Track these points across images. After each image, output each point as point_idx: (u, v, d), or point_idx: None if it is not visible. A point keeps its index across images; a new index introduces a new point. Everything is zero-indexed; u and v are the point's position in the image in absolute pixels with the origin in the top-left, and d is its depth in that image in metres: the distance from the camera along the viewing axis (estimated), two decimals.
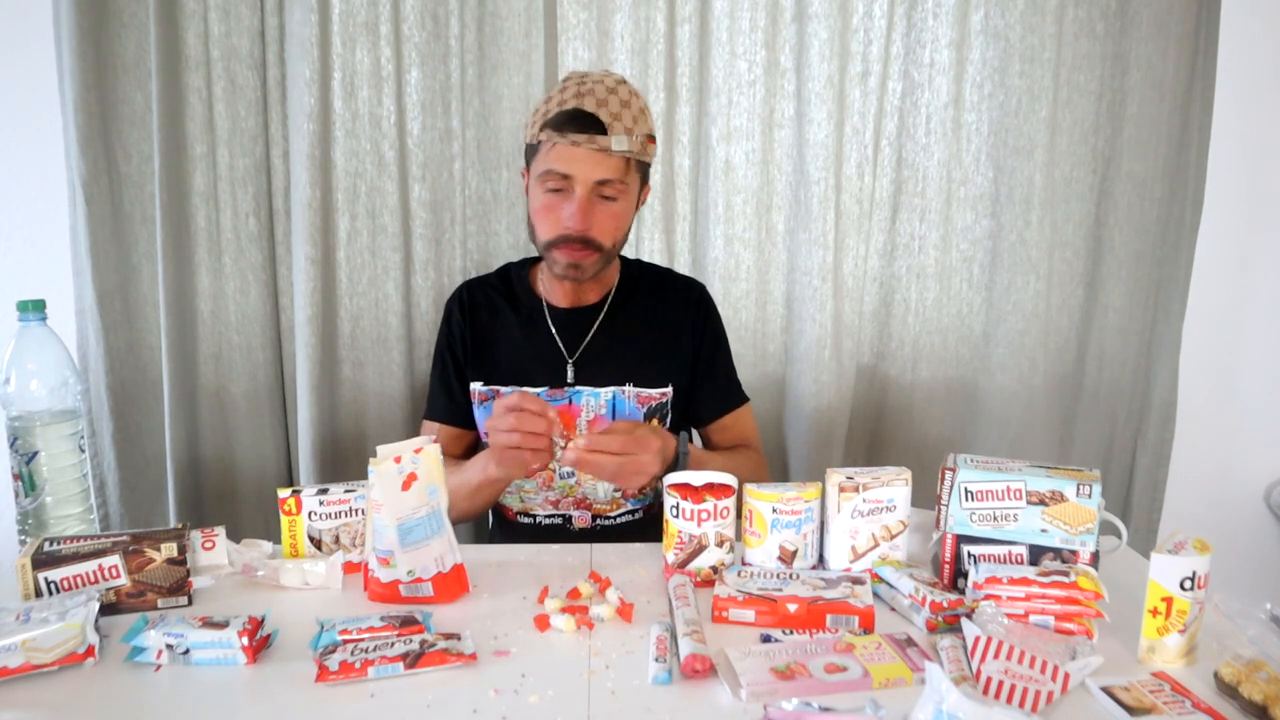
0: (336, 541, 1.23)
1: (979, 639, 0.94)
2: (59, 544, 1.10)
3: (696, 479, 1.16)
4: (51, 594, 1.06)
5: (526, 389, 1.41)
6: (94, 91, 1.60)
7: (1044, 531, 1.09)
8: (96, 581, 1.07)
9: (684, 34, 1.72)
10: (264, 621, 1.01)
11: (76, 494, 1.44)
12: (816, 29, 1.69)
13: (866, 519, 1.15)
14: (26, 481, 1.39)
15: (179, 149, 1.65)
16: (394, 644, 0.97)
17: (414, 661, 0.94)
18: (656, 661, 0.96)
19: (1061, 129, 1.75)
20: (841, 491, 1.15)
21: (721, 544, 1.15)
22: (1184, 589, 0.95)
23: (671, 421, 1.48)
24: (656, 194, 1.77)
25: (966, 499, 1.11)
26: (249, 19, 1.65)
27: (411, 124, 1.69)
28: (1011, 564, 1.10)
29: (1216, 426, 2.00)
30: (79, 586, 1.06)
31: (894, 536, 1.16)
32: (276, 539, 1.25)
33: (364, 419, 1.76)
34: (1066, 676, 0.90)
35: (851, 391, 1.85)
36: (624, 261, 1.52)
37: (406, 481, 1.09)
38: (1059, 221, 1.79)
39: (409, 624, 1.01)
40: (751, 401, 1.57)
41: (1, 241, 1.74)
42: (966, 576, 1.08)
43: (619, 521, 1.47)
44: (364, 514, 1.23)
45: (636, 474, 1.22)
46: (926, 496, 1.18)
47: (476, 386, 1.46)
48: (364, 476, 1.18)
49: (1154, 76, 1.75)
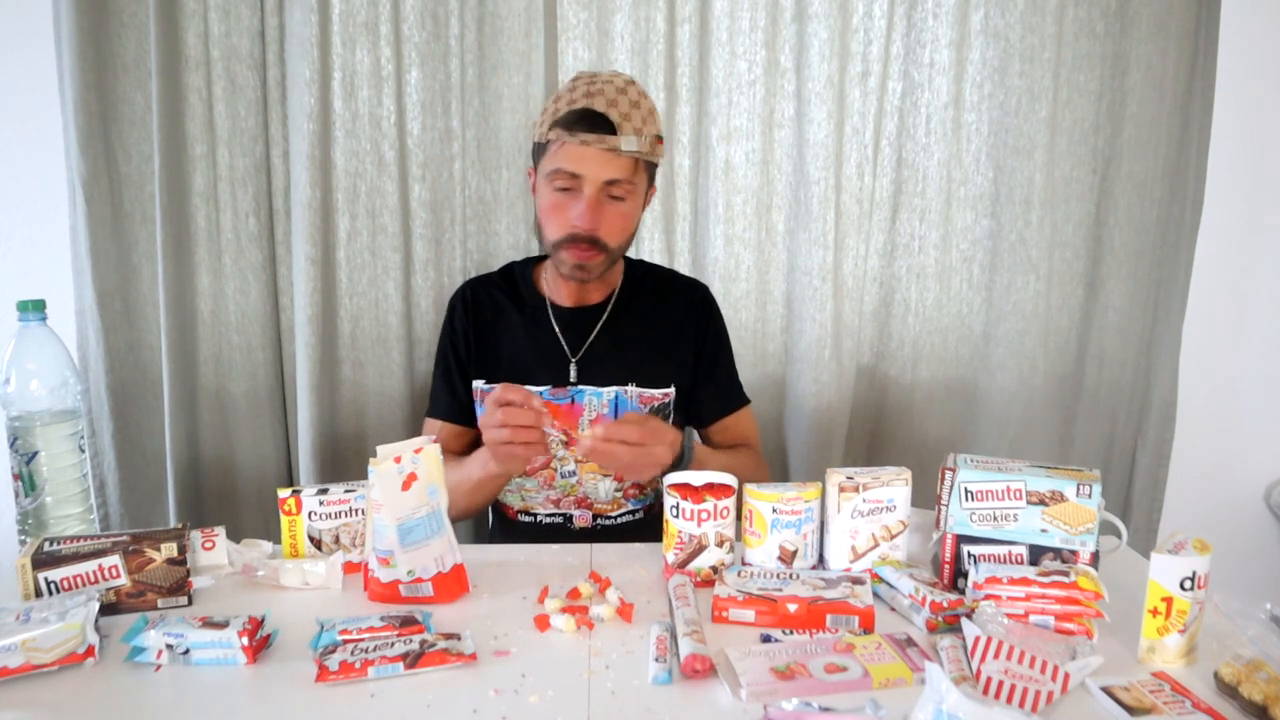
0: (336, 541, 1.23)
1: (979, 639, 0.94)
2: (59, 544, 1.10)
3: (696, 479, 1.16)
4: (51, 594, 1.06)
5: (529, 388, 1.41)
6: (94, 91, 1.60)
7: (1044, 531, 1.09)
8: (96, 581, 1.07)
9: (684, 34, 1.72)
10: (264, 621, 1.01)
11: (76, 494, 1.45)
12: (816, 29, 1.69)
13: (866, 519, 1.15)
14: (26, 481, 1.39)
15: (179, 149, 1.65)
16: (394, 644, 0.97)
17: (414, 661, 0.94)
18: (656, 661, 0.96)
19: (1061, 129, 1.75)
20: (841, 491, 1.15)
21: (721, 544, 1.15)
22: (1184, 589, 0.95)
23: (673, 422, 1.48)
24: (657, 194, 1.76)
25: (966, 499, 1.11)
26: (249, 19, 1.65)
27: (411, 124, 1.69)
28: (1011, 564, 1.10)
29: (1216, 426, 1.99)
30: (79, 586, 1.06)
31: (894, 536, 1.16)
32: (276, 539, 1.25)
33: (364, 419, 1.76)
34: (1066, 676, 0.90)
35: (851, 391, 1.85)
36: (628, 262, 1.53)
37: (406, 481, 1.09)
38: (1059, 221, 1.79)
39: (409, 624, 1.01)
40: (752, 402, 1.57)
41: (1, 241, 1.74)
42: (966, 576, 1.08)
43: (619, 521, 1.48)
44: (364, 514, 1.23)
45: (650, 465, 1.22)
46: (926, 496, 1.18)
47: (479, 384, 1.46)
48: (364, 476, 1.18)
49: (1154, 76, 1.75)
